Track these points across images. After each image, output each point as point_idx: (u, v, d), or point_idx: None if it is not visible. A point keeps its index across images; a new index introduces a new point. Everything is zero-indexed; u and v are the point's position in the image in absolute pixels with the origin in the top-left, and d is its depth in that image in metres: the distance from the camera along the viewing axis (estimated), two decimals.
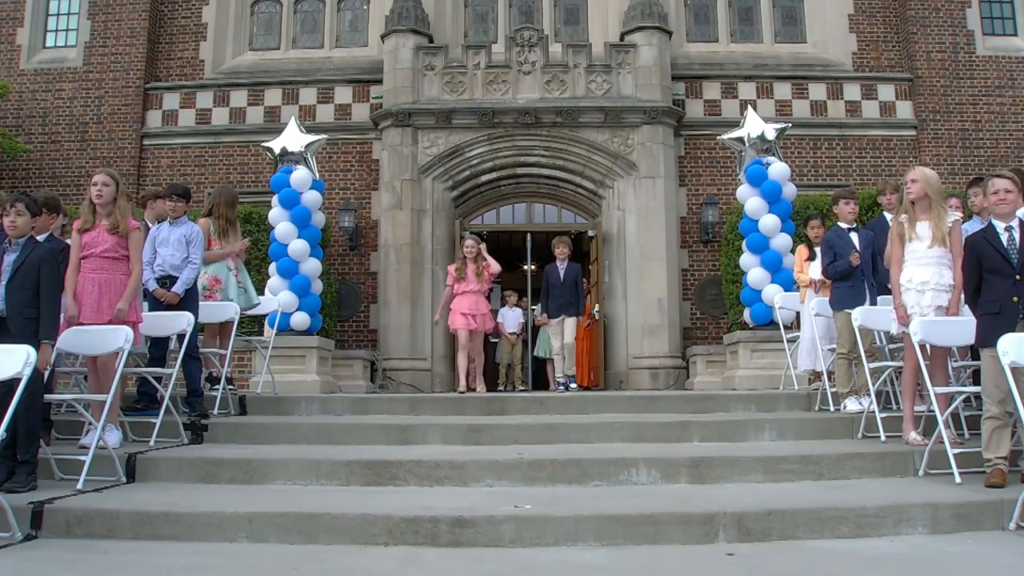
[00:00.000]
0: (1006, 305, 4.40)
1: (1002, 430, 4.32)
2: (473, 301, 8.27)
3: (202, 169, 13.11)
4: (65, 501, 4.03)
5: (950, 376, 5.57)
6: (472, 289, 8.28)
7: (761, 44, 13.65)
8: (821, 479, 4.62)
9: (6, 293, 4.53)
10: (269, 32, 13.95)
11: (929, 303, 5.06)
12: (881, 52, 13.35)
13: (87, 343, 5.10)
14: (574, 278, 10.04)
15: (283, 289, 9.48)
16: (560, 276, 9.90)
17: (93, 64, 13.36)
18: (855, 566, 3.29)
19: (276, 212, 9.83)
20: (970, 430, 5.35)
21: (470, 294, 8.28)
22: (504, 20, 13.71)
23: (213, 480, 4.72)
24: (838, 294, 6.21)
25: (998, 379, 4.24)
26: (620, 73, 12.60)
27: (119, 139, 13.14)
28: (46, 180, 12.71)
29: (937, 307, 5.07)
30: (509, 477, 4.56)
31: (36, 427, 4.43)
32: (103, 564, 3.39)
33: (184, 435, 5.64)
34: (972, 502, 3.96)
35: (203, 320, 6.65)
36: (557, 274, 9.92)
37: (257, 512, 3.83)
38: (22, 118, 13.21)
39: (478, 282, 8.29)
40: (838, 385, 6.24)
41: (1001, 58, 13.19)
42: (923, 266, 5.11)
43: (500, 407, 6.66)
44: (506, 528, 3.67)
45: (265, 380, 7.90)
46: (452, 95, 12.46)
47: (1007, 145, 12.87)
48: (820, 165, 12.95)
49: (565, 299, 9.86)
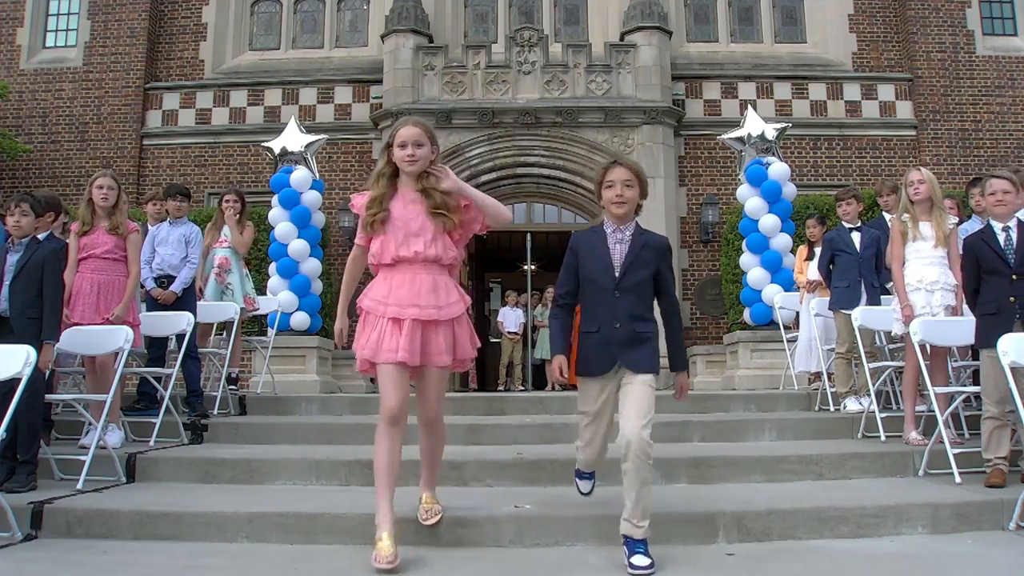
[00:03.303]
0: (1003, 305, 4.40)
1: (1002, 430, 4.32)
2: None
3: (202, 169, 13.12)
4: (65, 501, 4.03)
5: (950, 376, 5.57)
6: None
7: (761, 44, 13.66)
8: (821, 479, 4.62)
9: (9, 294, 4.53)
10: (269, 32, 13.96)
11: (939, 303, 5.08)
12: (881, 52, 13.36)
13: (86, 343, 5.10)
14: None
15: (283, 289, 9.48)
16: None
17: (93, 64, 13.37)
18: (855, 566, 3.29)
19: (276, 212, 9.83)
20: (970, 430, 5.34)
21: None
22: (504, 20, 13.71)
23: (213, 480, 4.71)
24: (837, 294, 6.20)
25: (998, 379, 4.24)
26: (620, 73, 12.61)
27: (119, 139, 13.15)
28: (46, 180, 12.72)
29: (946, 306, 5.09)
30: (509, 477, 4.56)
31: (37, 427, 4.43)
32: (103, 564, 3.39)
33: (184, 435, 5.64)
34: (972, 502, 3.95)
35: (202, 320, 6.66)
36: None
37: (257, 512, 3.83)
38: (22, 118, 13.21)
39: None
40: (838, 385, 6.24)
41: (1001, 58, 13.19)
42: (929, 266, 5.12)
43: (500, 407, 6.65)
44: (506, 528, 3.67)
45: (265, 380, 7.90)
46: (452, 95, 12.46)
47: (1007, 145, 12.88)
48: (820, 165, 12.96)
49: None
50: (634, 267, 3.36)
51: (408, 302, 3.30)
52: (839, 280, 6.20)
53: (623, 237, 3.41)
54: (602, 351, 3.36)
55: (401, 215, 3.37)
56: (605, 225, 3.47)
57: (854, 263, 6.15)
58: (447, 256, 3.41)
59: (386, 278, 3.38)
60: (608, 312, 3.34)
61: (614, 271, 3.36)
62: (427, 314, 3.30)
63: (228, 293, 7.14)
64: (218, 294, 7.12)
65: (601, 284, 3.36)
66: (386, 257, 3.37)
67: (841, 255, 6.22)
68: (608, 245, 3.40)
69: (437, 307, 3.33)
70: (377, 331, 3.32)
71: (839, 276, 6.21)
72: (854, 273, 6.13)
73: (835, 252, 6.26)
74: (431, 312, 3.31)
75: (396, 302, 3.31)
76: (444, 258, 3.40)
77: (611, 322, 3.33)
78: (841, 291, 6.14)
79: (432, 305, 3.32)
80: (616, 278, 3.35)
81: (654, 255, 3.41)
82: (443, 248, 3.39)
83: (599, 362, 3.38)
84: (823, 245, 6.55)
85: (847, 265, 6.17)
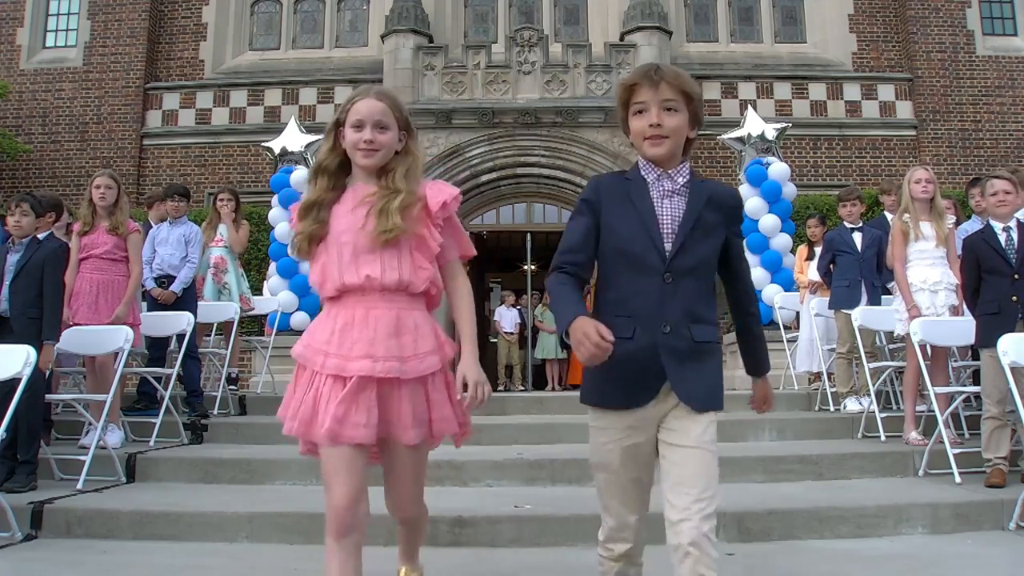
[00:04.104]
0: (1005, 305, 4.39)
1: (1002, 430, 4.32)
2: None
3: (202, 169, 13.12)
4: (65, 501, 4.03)
5: (950, 376, 5.57)
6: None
7: (761, 44, 13.67)
8: (821, 479, 4.62)
9: (10, 294, 4.53)
10: (269, 32, 13.96)
11: (943, 302, 5.09)
12: (881, 52, 13.36)
13: (86, 343, 5.10)
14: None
15: (283, 289, 9.47)
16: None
17: (93, 64, 13.37)
18: (855, 566, 3.29)
19: (276, 212, 9.82)
20: (970, 430, 5.34)
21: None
22: (504, 20, 13.72)
23: (213, 480, 4.71)
24: (837, 294, 6.20)
25: (998, 379, 4.24)
26: (620, 73, 12.60)
27: (119, 139, 13.15)
28: (46, 180, 12.72)
29: (950, 306, 5.10)
30: (509, 477, 4.56)
31: (37, 427, 4.43)
32: (103, 564, 3.39)
33: (184, 435, 5.64)
34: (972, 502, 3.95)
35: (202, 320, 6.66)
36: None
37: (257, 512, 3.83)
38: (22, 118, 13.21)
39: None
40: (838, 385, 6.24)
41: (1001, 58, 13.19)
42: (931, 266, 5.13)
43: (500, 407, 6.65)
44: (506, 528, 3.67)
45: (265, 380, 7.90)
46: (452, 95, 12.46)
47: (1007, 145, 12.88)
48: (820, 165, 12.96)
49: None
50: (696, 236, 2.11)
51: (358, 351, 2.23)
52: (840, 280, 6.19)
53: (674, 187, 2.14)
54: (637, 370, 2.08)
55: (347, 227, 2.29)
56: (641, 168, 2.18)
57: (855, 263, 6.15)
58: (417, 281, 2.29)
59: (330, 315, 2.33)
60: (652, 307, 2.08)
61: (663, 241, 2.09)
62: (384, 368, 2.22)
63: (225, 293, 7.15)
64: (216, 294, 7.12)
65: (641, 262, 2.09)
66: (328, 287, 2.31)
67: (842, 255, 6.21)
68: (651, 199, 2.13)
69: (400, 358, 2.24)
70: (313, 393, 2.27)
71: (840, 276, 6.21)
72: (855, 273, 6.13)
73: (836, 252, 6.26)
74: (390, 366, 2.23)
75: (339, 351, 2.24)
76: (413, 284, 2.29)
77: (656, 323, 2.08)
78: (842, 291, 6.14)
79: (393, 356, 2.23)
80: (668, 253, 2.09)
81: (723, 217, 2.18)
82: (411, 271, 2.29)
83: (632, 388, 2.10)
84: (823, 245, 6.55)
85: (848, 265, 6.16)
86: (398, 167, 2.34)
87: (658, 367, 2.09)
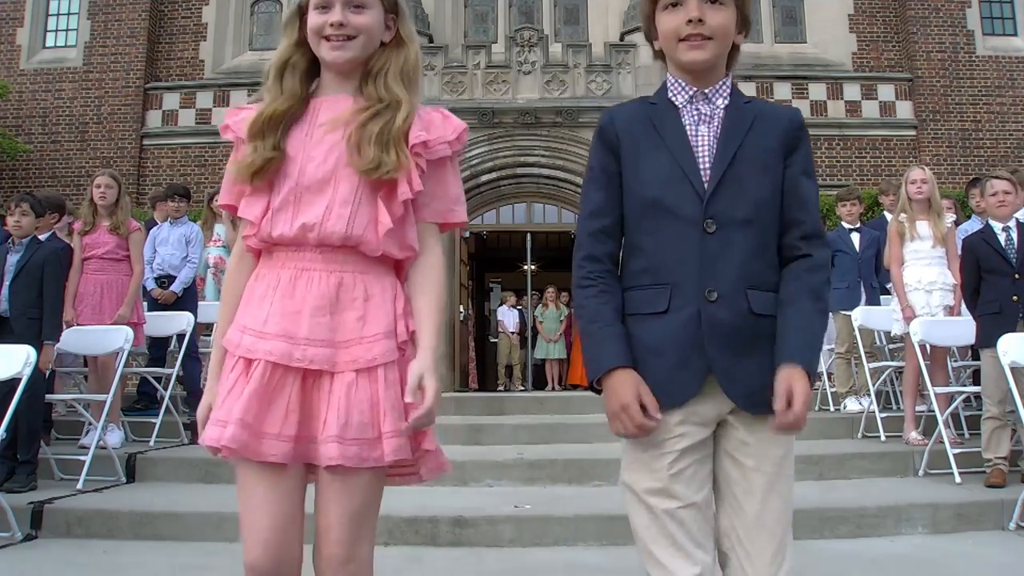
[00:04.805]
0: (1006, 304, 4.39)
1: (1002, 430, 4.32)
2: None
3: (202, 169, 13.11)
4: (65, 501, 4.03)
5: (950, 376, 5.57)
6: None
7: (761, 44, 13.66)
8: (821, 479, 4.62)
9: (10, 294, 4.53)
10: (269, 32, 13.95)
11: (938, 303, 5.09)
12: (881, 52, 13.35)
13: (87, 343, 5.11)
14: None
15: None
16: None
17: (93, 64, 13.36)
18: (855, 566, 3.29)
19: None
20: (970, 430, 5.35)
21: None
22: (504, 20, 13.72)
23: (213, 480, 4.71)
24: (836, 295, 6.20)
25: (998, 379, 4.24)
26: (620, 73, 12.60)
27: (119, 139, 13.14)
28: (46, 180, 12.71)
29: (945, 306, 5.09)
30: (509, 477, 4.56)
31: (37, 427, 4.43)
32: (103, 564, 3.39)
33: (184, 435, 5.63)
34: (972, 502, 3.96)
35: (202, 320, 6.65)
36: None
37: None
38: (22, 118, 13.21)
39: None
40: (838, 385, 6.25)
41: (1001, 58, 13.19)
42: (927, 266, 5.13)
43: (500, 407, 6.66)
44: (506, 528, 3.67)
45: None
46: (452, 95, 12.46)
47: (1007, 145, 12.87)
48: (820, 165, 12.95)
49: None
50: (742, 171, 1.57)
51: (274, 327, 1.54)
52: (838, 281, 6.18)
53: (712, 110, 1.63)
54: (678, 355, 1.54)
55: (299, 153, 1.59)
56: (669, 90, 1.66)
57: (854, 264, 6.15)
58: (372, 239, 1.57)
59: (259, 276, 1.63)
60: (691, 268, 1.55)
61: (701, 177, 1.57)
62: (306, 356, 1.52)
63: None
64: (216, 294, 7.11)
65: (675, 212, 1.57)
66: (252, 239, 1.62)
67: (841, 256, 6.21)
68: (683, 125, 1.62)
69: (330, 343, 1.54)
70: (227, 383, 1.56)
71: (838, 277, 6.19)
72: (853, 274, 6.14)
73: (834, 253, 6.25)
74: (315, 353, 1.53)
75: (255, 324, 1.56)
76: (365, 242, 1.57)
77: (699, 289, 1.54)
78: (841, 292, 6.14)
79: (320, 339, 1.53)
80: (706, 192, 1.56)
81: (781, 138, 1.61)
82: (367, 222, 1.57)
83: (673, 378, 1.54)
84: None
85: (847, 266, 6.16)
86: (388, 66, 1.64)
87: (701, 350, 1.53)
